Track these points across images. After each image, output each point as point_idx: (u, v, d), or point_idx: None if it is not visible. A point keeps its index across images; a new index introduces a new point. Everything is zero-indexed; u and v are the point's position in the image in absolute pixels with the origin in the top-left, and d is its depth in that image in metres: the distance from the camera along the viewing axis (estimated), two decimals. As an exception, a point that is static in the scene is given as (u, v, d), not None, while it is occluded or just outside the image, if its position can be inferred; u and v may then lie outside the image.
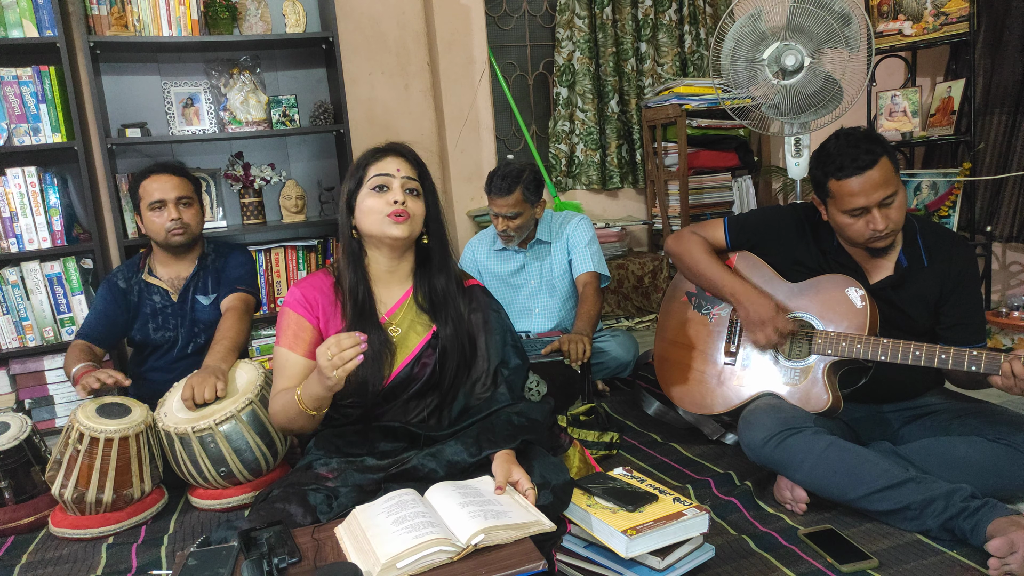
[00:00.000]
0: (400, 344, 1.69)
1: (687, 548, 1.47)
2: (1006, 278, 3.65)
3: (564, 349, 2.34)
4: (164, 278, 2.35)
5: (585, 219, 2.75)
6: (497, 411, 1.64)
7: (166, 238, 2.28)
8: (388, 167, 1.66)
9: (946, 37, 3.22)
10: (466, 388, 1.72)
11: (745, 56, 2.78)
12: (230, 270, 2.38)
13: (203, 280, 2.36)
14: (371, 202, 1.64)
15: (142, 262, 2.40)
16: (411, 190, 1.67)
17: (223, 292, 2.34)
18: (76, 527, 1.93)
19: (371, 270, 1.73)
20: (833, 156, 1.79)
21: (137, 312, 2.32)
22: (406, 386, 1.69)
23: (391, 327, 1.70)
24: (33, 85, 2.80)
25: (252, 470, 2.02)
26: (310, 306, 1.70)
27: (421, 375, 1.69)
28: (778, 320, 1.90)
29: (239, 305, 2.30)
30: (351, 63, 3.59)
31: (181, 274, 2.36)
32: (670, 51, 4.24)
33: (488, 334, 1.73)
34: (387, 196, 1.64)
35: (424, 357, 1.69)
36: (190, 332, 2.33)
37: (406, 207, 1.63)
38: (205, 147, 3.33)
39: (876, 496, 1.63)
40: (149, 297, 2.33)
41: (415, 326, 1.72)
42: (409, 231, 1.65)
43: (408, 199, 1.65)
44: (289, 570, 1.25)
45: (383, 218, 1.63)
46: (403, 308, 1.73)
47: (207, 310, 2.34)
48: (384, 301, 1.73)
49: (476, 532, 1.25)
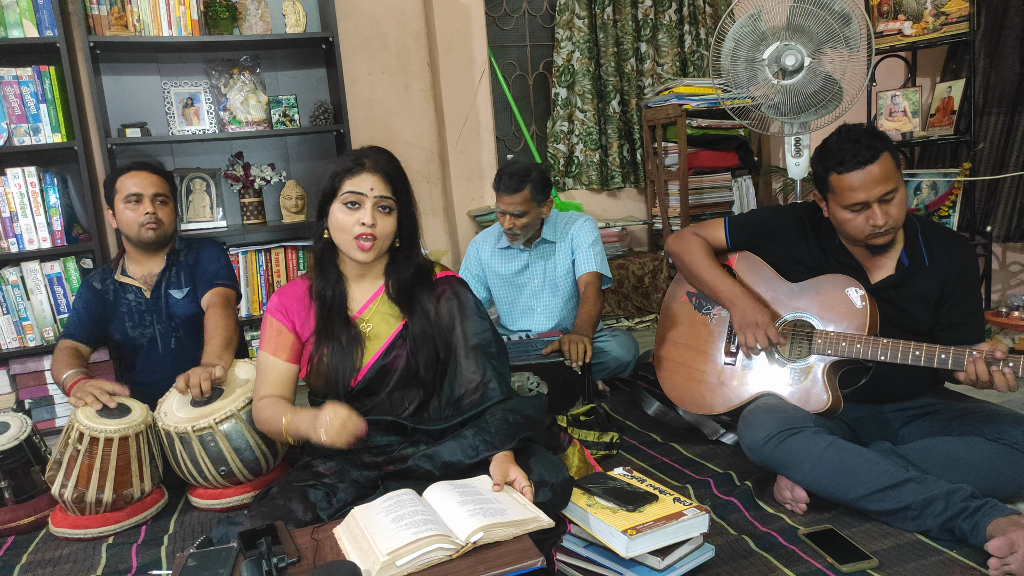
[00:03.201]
0: (372, 337, 1.73)
1: (687, 548, 1.47)
2: (1006, 278, 3.65)
3: (564, 349, 2.34)
4: (137, 276, 2.34)
5: (590, 220, 2.75)
6: (491, 408, 1.64)
7: (139, 232, 2.26)
8: (362, 185, 1.66)
9: (946, 37, 3.22)
10: (451, 376, 1.73)
11: (745, 56, 2.79)
12: (205, 264, 2.36)
13: (175, 275, 2.34)
14: (342, 217, 1.66)
15: (115, 263, 2.38)
16: (383, 207, 1.68)
17: (201, 288, 2.32)
18: (76, 527, 1.93)
19: (346, 268, 1.77)
20: (834, 151, 1.80)
21: (114, 312, 2.31)
22: (382, 378, 1.72)
23: (363, 323, 1.74)
24: (33, 85, 2.81)
25: (252, 469, 2.02)
26: (286, 311, 1.77)
27: (395, 366, 1.71)
28: (770, 328, 1.90)
29: (220, 300, 2.28)
30: (351, 63, 3.59)
31: (153, 271, 2.34)
32: (670, 51, 4.24)
33: (464, 320, 1.75)
34: (358, 214, 1.65)
35: (396, 348, 1.72)
36: (167, 327, 2.32)
37: (375, 230, 1.65)
38: (205, 147, 3.33)
39: (876, 496, 1.63)
40: (124, 296, 2.32)
41: (387, 319, 1.75)
42: (375, 255, 1.68)
43: (379, 218, 1.66)
44: (288, 570, 1.26)
45: (351, 239, 1.66)
46: (375, 304, 1.77)
47: (181, 304, 2.32)
48: (357, 299, 1.77)
49: (475, 530, 1.25)
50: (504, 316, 2.86)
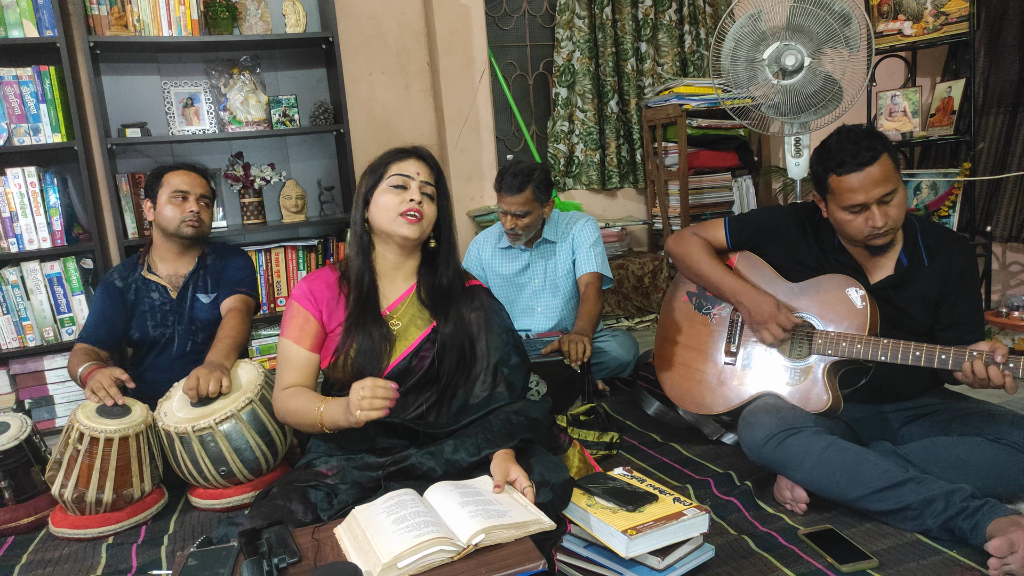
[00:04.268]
0: (400, 337, 1.72)
1: (687, 548, 1.47)
2: (1006, 278, 3.65)
3: (564, 349, 2.34)
4: (163, 275, 2.35)
5: (591, 220, 2.75)
6: (495, 410, 1.65)
7: (179, 228, 2.29)
8: (409, 168, 1.72)
9: (946, 37, 3.22)
10: (466, 386, 1.72)
11: (745, 56, 2.79)
12: (232, 272, 2.39)
13: (203, 279, 2.36)
14: (388, 198, 1.70)
15: (141, 259, 2.40)
16: (427, 194, 1.72)
17: (223, 293, 2.34)
18: (76, 527, 1.93)
19: (377, 264, 1.77)
20: (834, 152, 1.80)
21: (135, 310, 2.32)
22: (404, 379, 1.70)
23: (392, 320, 1.73)
24: (33, 85, 2.81)
25: (252, 469, 2.02)
26: (314, 299, 1.74)
27: (419, 368, 1.70)
28: (780, 316, 1.90)
29: (241, 307, 2.31)
30: (351, 63, 3.59)
31: (180, 271, 2.36)
32: (670, 51, 4.24)
33: (489, 333, 1.75)
34: (404, 195, 1.69)
35: (423, 351, 1.71)
36: (188, 330, 2.33)
37: (421, 207, 1.69)
38: (205, 147, 3.33)
39: (876, 496, 1.63)
40: (148, 294, 2.33)
41: (416, 320, 1.74)
42: (420, 232, 1.71)
43: (424, 201, 1.71)
44: (289, 570, 1.25)
45: (397, 216, 1.68)
46: (405, 303, 1.76)
47: (206, 309, 2.34)
48: (387, 295, 1.76)
49: (476, 532, 1.25)
50: (504, 316, 2.86)
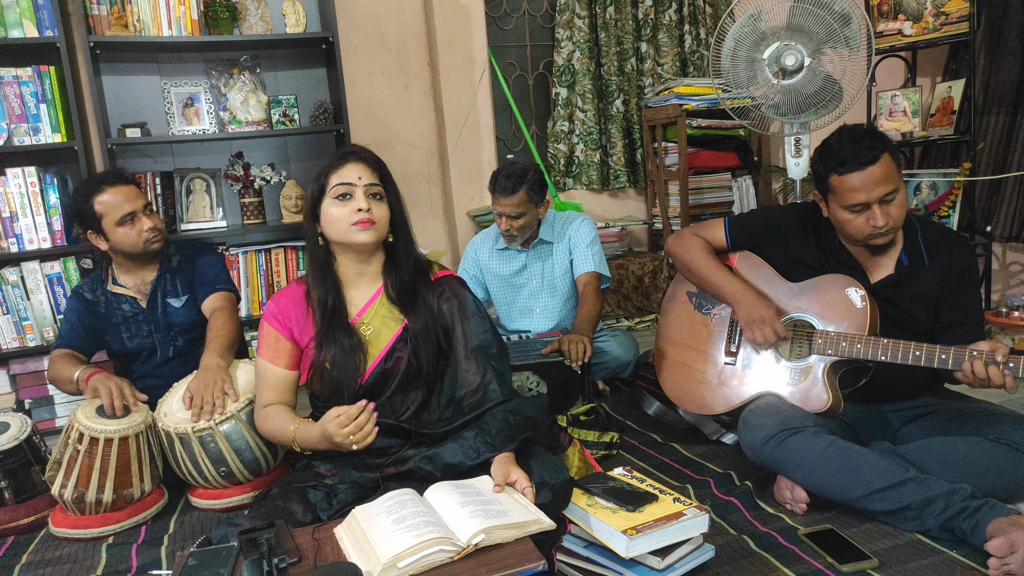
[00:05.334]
0: (372, 341, 1.72)
1: (687, 548, 1.47)
2: (1006, 278, 3.65)
3: (564, 349, 2.34)
4: (129, 285, 2.30)
5: (588, 220, 2.75)
6: (491, 409, 1.65)
7: (144, 247, 2.22)
8: (350, 175, 1.67)
9: (946, 37, 3.22)
10: (450, 375, 1.72)
11: (745, 56, 2.78)
12: (204, 271, 2.33)
13: (171, 282, 2.31)
14: (335, 211, 1.67)
15: (104, 273, 2.33)
16: (374, 195, 1.69)
17: (201, 293, 2.30)
18: (76, 527, 1.93)
19: (341, 273, 1.76)
20: (835, 151, 1.80)
21: (108, 323, 2.28)
22: (384, 381, 1.71)
23: (363, 326, 1.73)
24: (33, 85, 2.80)
25: (252, 470, 2.01)
26: (283, 318, 1.75)
27: (396, 369, 1.71)
28: (775, 323, 1.90)
29: (225, 304, 2.26)
30: (351, 63, 3.59)
31: (146, 279, 2.31)
32: (670, 51, 4.24)
33: (464, 320, 1.75)
34: (351, 204, 1.66)
35: (397, 351, 1.71)
36: (166, 336, 2.30)
37: (371, 214, 1.66)
38: (205, 147, 3.33)
39: (876, 496, 1.63)
40: (118, 307, 2.28)
41: (387, 322, 1.74)
42: (376, 235, 1.68)
43: (372, 205, 1.67)
44: (289, 570, 1.25)
45: (348, 227, 1.66)
46: (374, 306, 1.76)
47: (181, 312, 2.30)
48: (355, 302, 1.76)
49: (477, 532, 1.25)
50: (503, 317, 2.86)
